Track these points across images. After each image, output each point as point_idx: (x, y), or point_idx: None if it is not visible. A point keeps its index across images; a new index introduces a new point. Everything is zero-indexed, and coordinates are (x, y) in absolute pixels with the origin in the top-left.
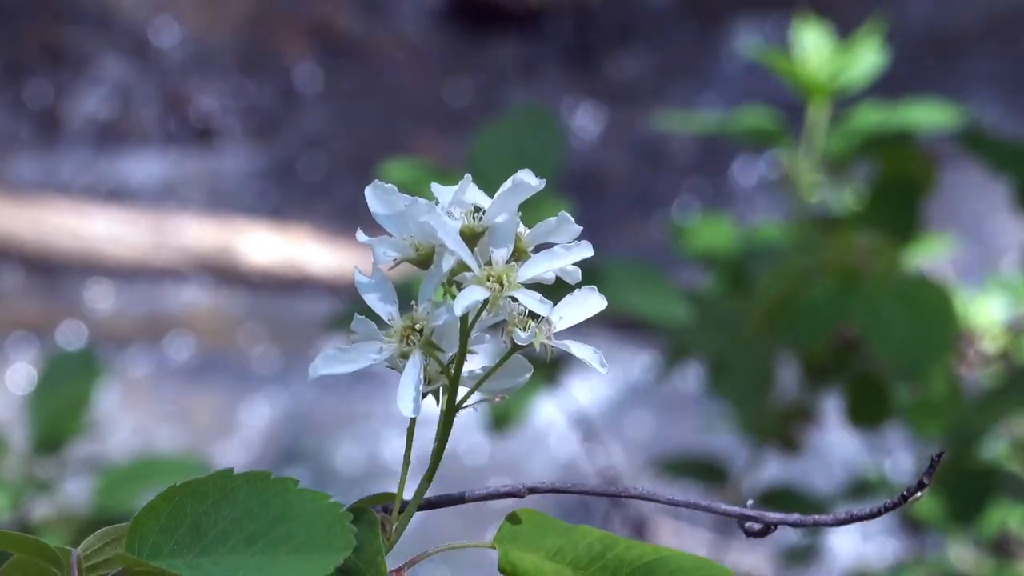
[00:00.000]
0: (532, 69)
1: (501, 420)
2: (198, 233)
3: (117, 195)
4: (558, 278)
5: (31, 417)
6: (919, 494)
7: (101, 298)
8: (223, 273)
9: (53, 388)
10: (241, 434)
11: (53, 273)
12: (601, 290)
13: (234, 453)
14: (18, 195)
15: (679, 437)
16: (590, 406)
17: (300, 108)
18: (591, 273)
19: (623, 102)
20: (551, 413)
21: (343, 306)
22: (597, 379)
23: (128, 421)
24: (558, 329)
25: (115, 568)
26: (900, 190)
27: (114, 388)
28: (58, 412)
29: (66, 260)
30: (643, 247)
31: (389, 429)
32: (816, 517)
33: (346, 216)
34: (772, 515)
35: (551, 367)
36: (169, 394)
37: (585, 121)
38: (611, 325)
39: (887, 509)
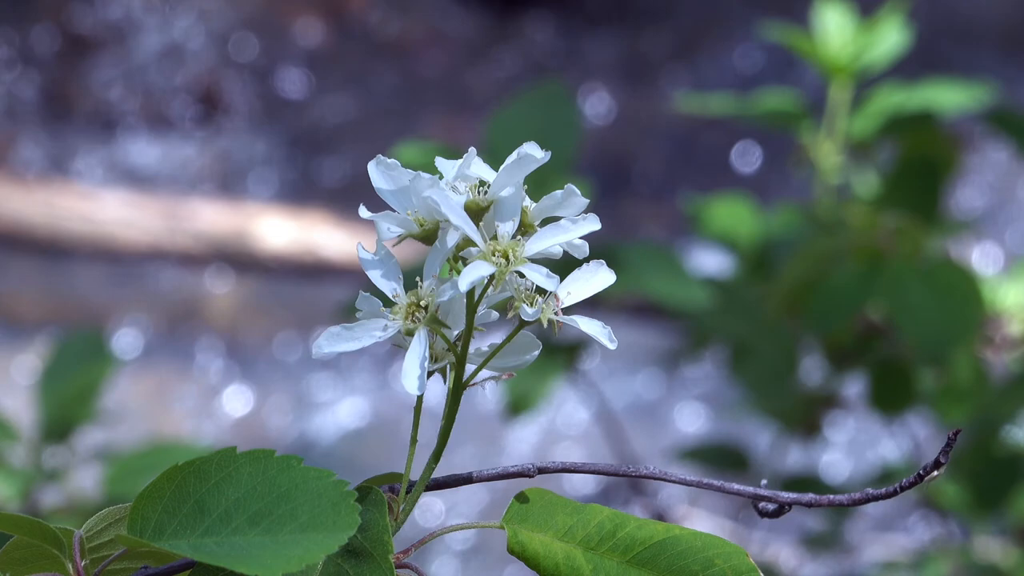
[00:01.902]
0: (557, 52)
1: (518, 406)
2: (212, 217)
3: (130, 179)
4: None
5: (40, 404)
6: (936, 473)
7: (113, 283)
8: (237, 258)
9: (62, 374)
10: (256, 420)
11: (64, 258)
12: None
13: (249, 439)
14: (29, 179)
15: (699, 423)
16: (607, 390)
17: (317, 91)
18: (610, 257)
19: (647, 83)
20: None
21: (358, 291)
22: (615, 364)
23: (139, 407)
24: (566, 304)
25: (118, 550)
26: (923, 171)
27: (125, 374)
28: (67, 399)
29: (77, 245)
30: (665, 229)
31: (407, 413)
32: (831, 497)
33: (363, 201)
34: (786, 495)
35: (569, 352)
36: (182, 380)
37: (607, 103)
38: (629, 309)
39: (903, 488)
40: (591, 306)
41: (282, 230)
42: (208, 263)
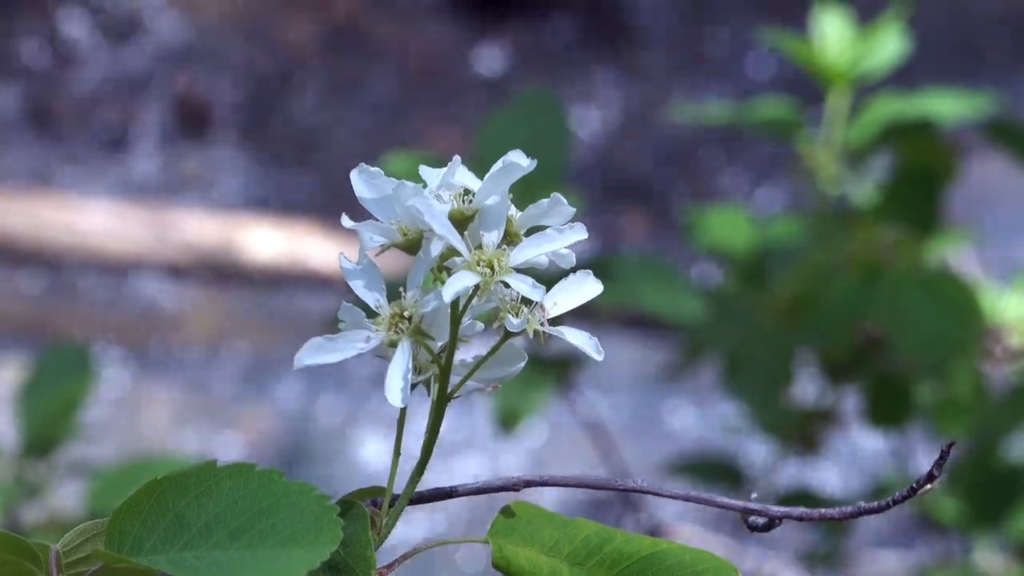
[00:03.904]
0: (544, 57)
1: (508, 420)
2: (198, 228)
3: (114, 188)
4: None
5: (22, 417)
6: (929, 486)
7: (97, 295)
8: (224, 269)
9: (45, 387)
10: (242, 434)
11: (48, 269)
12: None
13: (235, 453)
14: (11, 188)
15: (694, 437)
16: (600, 404)
17: (303, 99)
18: (602, 268)
19: (637, 92)
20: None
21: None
22: (608, 377)
23: (124, 421)
24: (552, 315)
25: (96, 565)
26: (921, 182)
27: (110, 387)
28: (50, 412)
29: (61, 255)
30: (658, 241)
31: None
32: (822, 511)
33: (350, 211)
34: (776, 509)
35: (559, 366)
36: (167, 394)
37: (598, 111)
38: (623, 321)
39: (896, 502)
40: (582, 317)
41: (270, 241)
42: (194, 274)
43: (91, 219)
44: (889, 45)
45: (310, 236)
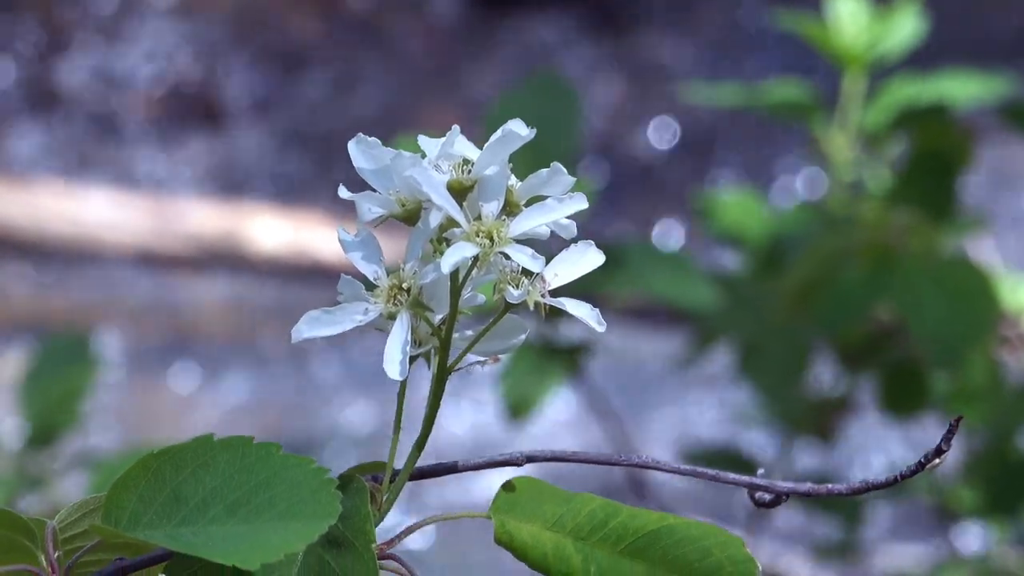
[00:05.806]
0: (556, 48)
1: (517, 408)
2: (202, 218)
3: (116, 178)
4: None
5: (23, 409)
6: (937, 460)
7: (99, 287)
8: (229, 260)
9: (46, 378)
10: (248, 425)
11: (49, 260)
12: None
13: None
14: (11, 177)
15: (706, 427)
16: (610, 393)
17: (310, 88)
18: (614, 256)
19: (650, 80)
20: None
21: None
22: (618, 366)
23: (128, 413)
24: (553, 287)
25: (92, 540)
26: (936, 166)
27: (113, 379)
28: (51, 403)
29: (63, 246)
30: (670, 227)
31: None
32: (829, 486)
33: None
34: (783, 484)
35: (570, 353)
36: (172, 385)
37: (610, 100)
38: (634, 312)
39: (904, 477)
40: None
41: (276, 232)
42: (198, 266)
43: (93, 209)
44: (905, 27)
45: (318, 227)
